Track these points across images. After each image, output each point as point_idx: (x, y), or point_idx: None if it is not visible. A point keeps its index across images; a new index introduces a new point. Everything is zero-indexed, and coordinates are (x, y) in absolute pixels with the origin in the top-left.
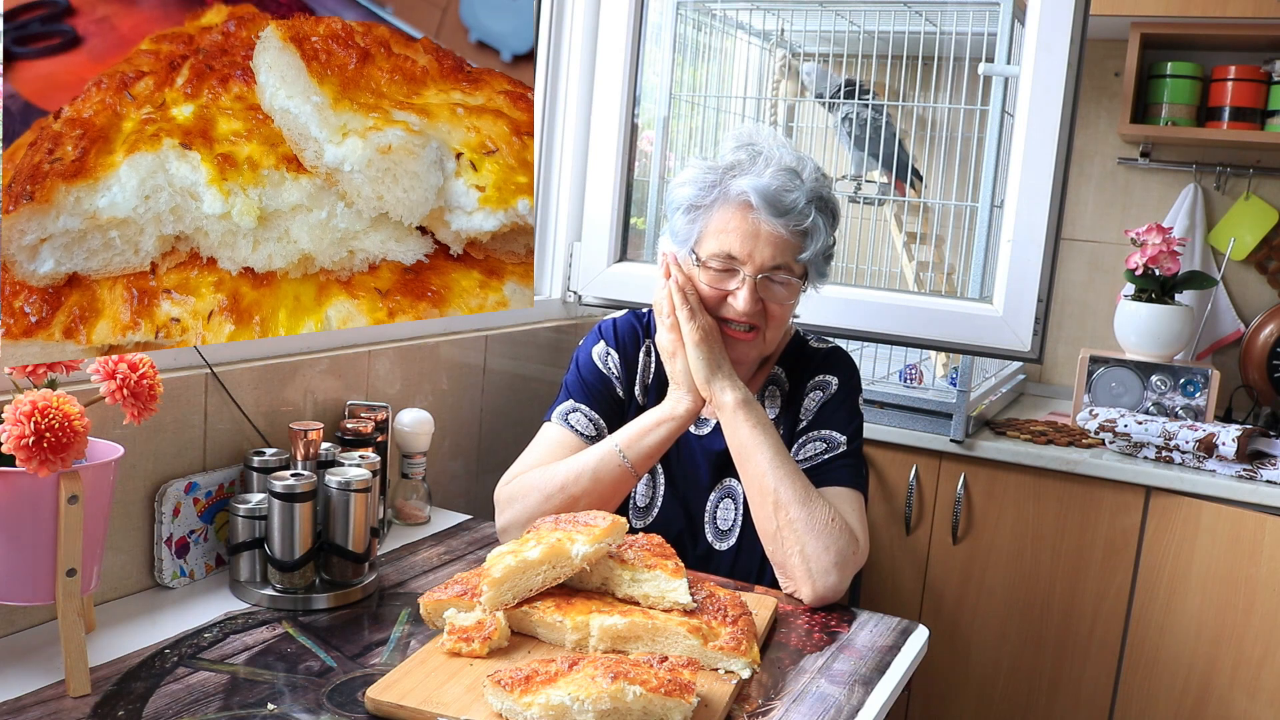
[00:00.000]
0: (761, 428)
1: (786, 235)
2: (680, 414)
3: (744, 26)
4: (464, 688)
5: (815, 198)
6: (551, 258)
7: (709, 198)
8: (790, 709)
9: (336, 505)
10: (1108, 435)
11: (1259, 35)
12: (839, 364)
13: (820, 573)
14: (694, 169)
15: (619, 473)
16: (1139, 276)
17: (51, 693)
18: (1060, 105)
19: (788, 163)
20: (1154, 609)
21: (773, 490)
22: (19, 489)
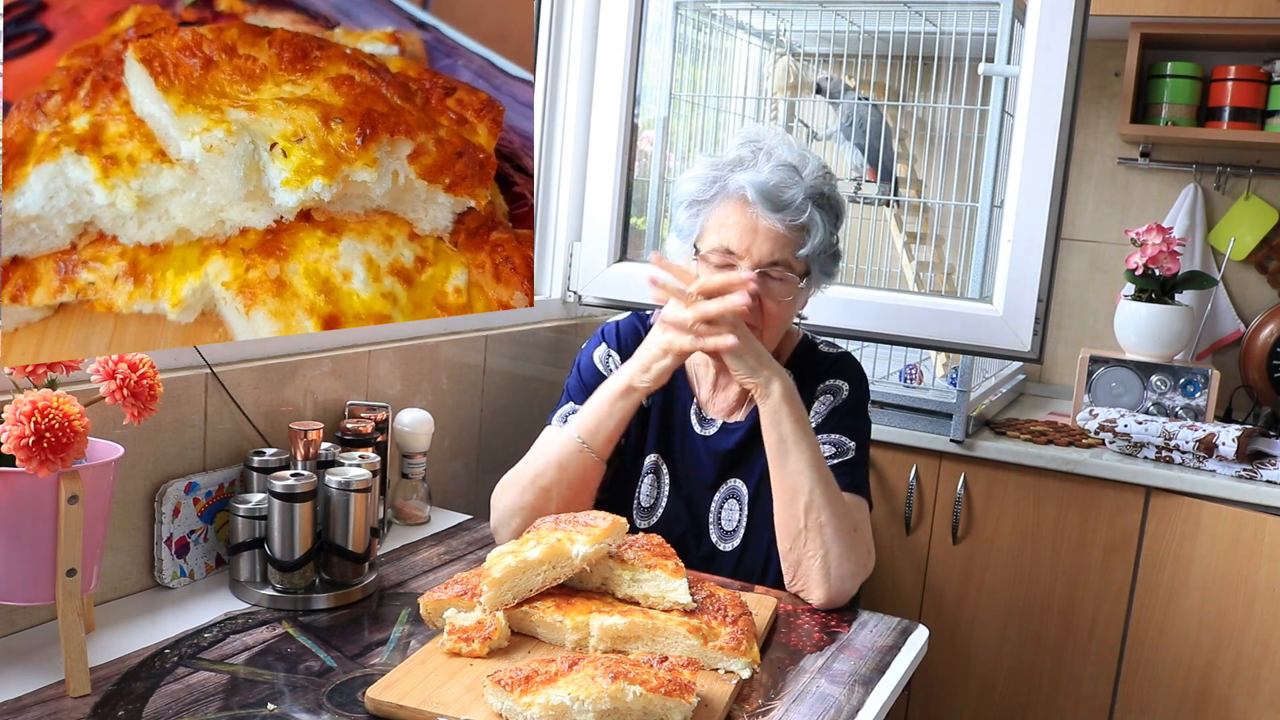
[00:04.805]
0: (804, 424)
1: (784, 230)
2: (639, 388)
3: (744, 26)
4: (464, 688)
5: (815, 194)
6: (551, 258)
7: (710, 192)
8: (790, 709)
9: (336, 505)
10: (1108, 435)
11: (1259, 35)
12: (850, 370)
13: (838, 579)
14: (699, 165)
15: (582, 459)
16: (1139, 276)
17: (51, 693)
18: (1060, 105)
19: (789, 159)
20: (1154, 609)
21: (807, 491)
22: (19, 489)
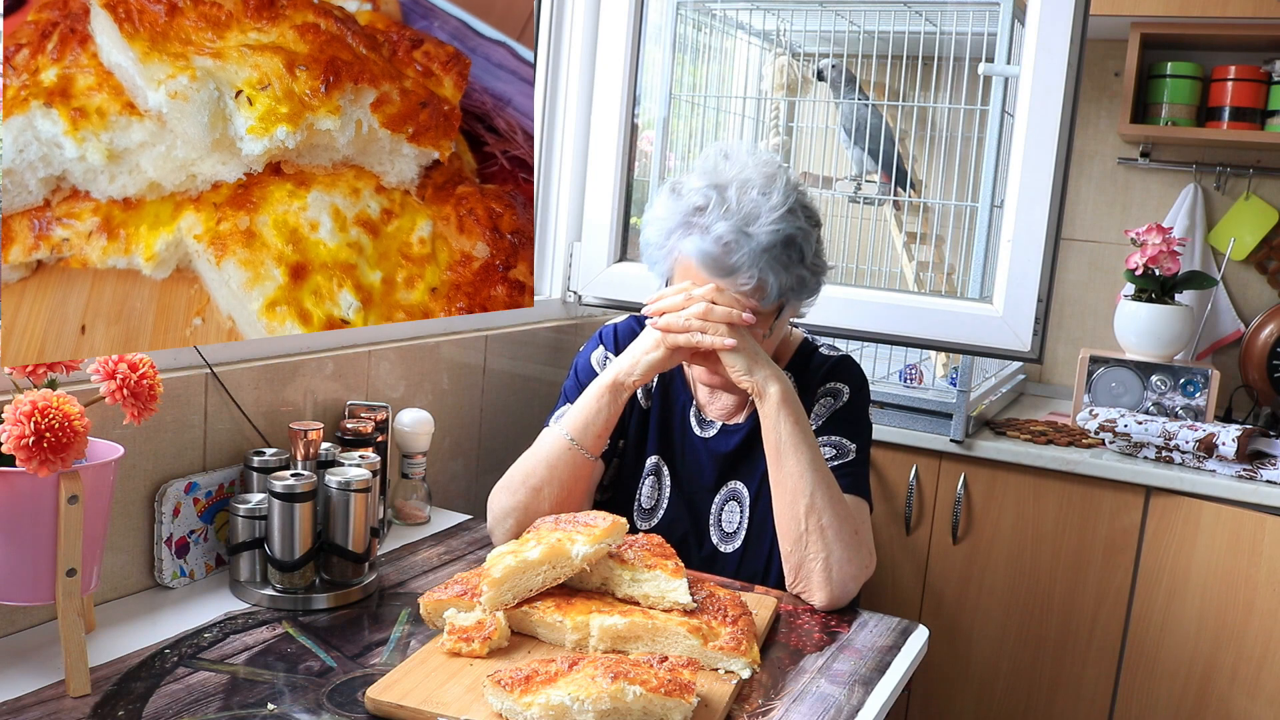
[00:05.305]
0: (803, 426)
1: (737, 291)
2: (625, 383)
3: (744, 26)
4: (464, 688)
5: (768, 250)
6: (551, 258)
7: (664, 249)
8: (790, 709)
9: (336, 505)
10: (1108, 435)
11: (1259, 35)
12: (850, 373)
13: (840, 582)
14: (661, 207)
15: (572, 457)
16: (1139, 276)
17: (51, 693)
18: (1060, 105)
19: (745, 210)
20: (1154, 609)
21: (808, 493)
22: (19, 489)
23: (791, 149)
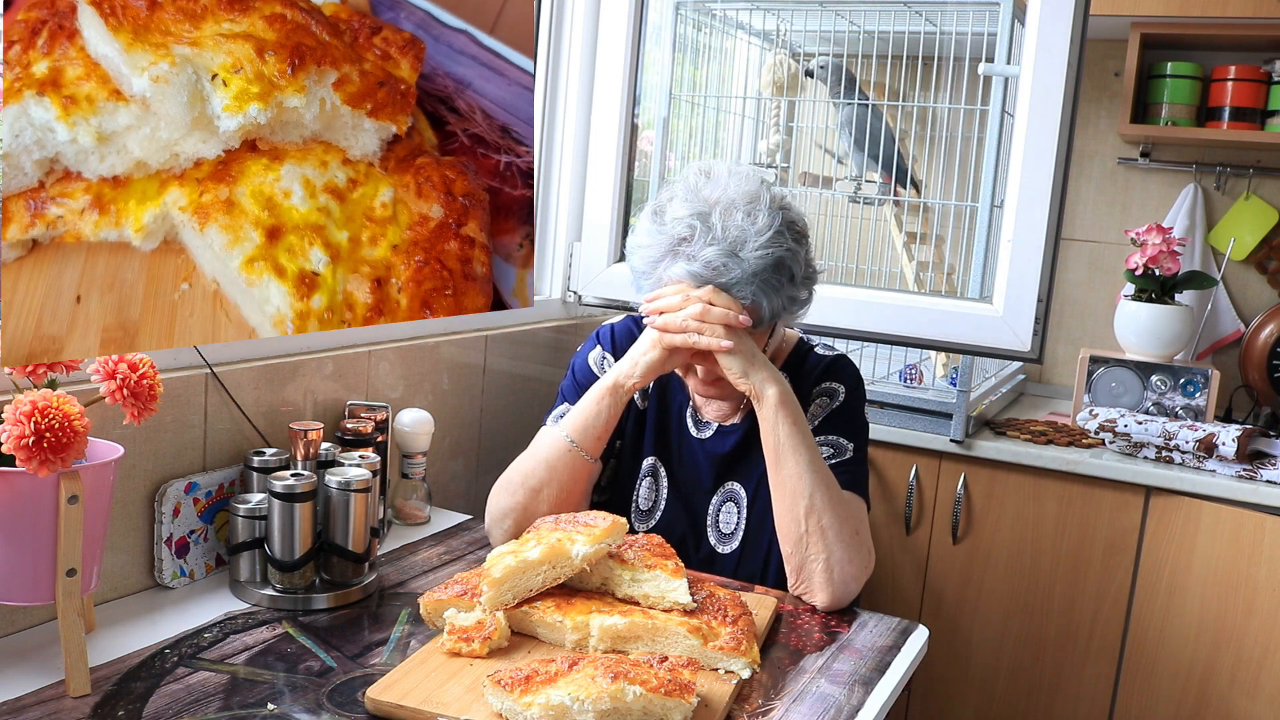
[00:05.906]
0: (801, 427)
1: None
2: (625, 384)
3: (744, 26)
4: (464, 688)
5: (757, 273)
6: (551, 258)
7: (651, 278)
8: (790, 709)
9: (336, 505)
10: (1108, 435)
11: (1259, 35)
12: (846, 373)
13: (842, 582)
14: (644, 234)
15: (571, 458)
16: (1139, 276)
17: (51, 693)
18: (1060, 105)
19: (731, 236)
20: (1154, 609)
21: (807, 494)
22: (19, 489)
23: (791, 149)
